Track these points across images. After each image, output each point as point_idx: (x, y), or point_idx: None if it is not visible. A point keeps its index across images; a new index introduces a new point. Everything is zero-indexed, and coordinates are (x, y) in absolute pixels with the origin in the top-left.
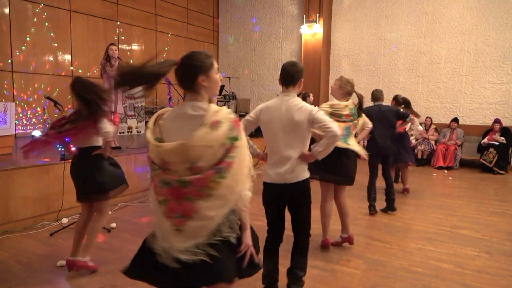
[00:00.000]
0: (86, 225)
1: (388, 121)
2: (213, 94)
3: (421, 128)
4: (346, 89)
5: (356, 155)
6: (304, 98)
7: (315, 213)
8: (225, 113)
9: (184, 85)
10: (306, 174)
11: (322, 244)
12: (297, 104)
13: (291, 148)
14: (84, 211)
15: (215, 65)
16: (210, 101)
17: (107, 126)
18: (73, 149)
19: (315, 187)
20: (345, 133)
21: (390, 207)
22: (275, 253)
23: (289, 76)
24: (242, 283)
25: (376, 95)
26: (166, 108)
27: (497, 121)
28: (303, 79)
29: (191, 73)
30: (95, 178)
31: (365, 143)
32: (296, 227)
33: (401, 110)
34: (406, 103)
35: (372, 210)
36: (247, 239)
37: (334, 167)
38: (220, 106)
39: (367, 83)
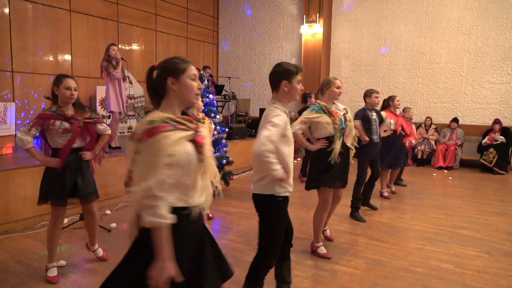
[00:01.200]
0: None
1: None
2: (184, 100)
3: (389, 125)
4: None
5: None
6: (305, 99)
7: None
8: (141, 124)
9: (151, 92)
10: None
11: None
12: (271, 112)
13: None
14: (62, 213)
15: (191, 72)
16: (181, 110)
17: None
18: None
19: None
20: None
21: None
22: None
23: (269, 80)
24: None
25: None
26: None
27: (496, 121)
28: (286, 82)
29: (161, 76)
30: (92, 177)
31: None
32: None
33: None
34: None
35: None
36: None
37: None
38: (220, 106)
39: (367, 83)
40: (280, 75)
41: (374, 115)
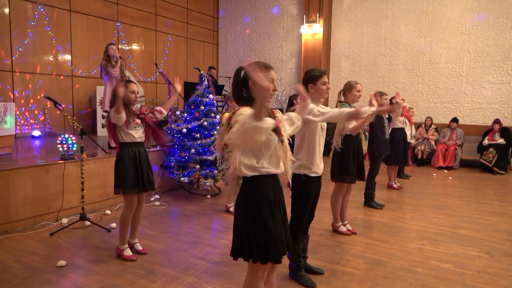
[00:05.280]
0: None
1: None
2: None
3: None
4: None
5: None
6: (291, 103)
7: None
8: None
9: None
10: None
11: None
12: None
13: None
14: (135, 201)
15: (268, 77)
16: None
17: None
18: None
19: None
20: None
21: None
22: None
23: None
24: None
25: None
26: None
27: (497, 121)
28: (311, 84)
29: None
30: (151, 169)
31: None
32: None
33: None
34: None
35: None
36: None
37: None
38: (220, 106)
39: (367, 83)
40: (306, 80)
41: (386, 115)
